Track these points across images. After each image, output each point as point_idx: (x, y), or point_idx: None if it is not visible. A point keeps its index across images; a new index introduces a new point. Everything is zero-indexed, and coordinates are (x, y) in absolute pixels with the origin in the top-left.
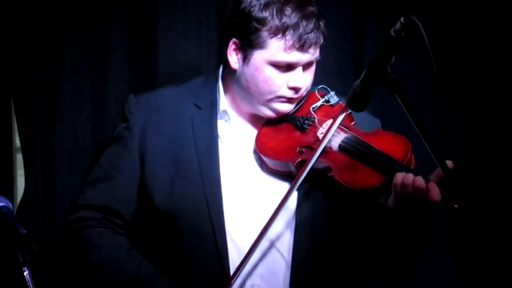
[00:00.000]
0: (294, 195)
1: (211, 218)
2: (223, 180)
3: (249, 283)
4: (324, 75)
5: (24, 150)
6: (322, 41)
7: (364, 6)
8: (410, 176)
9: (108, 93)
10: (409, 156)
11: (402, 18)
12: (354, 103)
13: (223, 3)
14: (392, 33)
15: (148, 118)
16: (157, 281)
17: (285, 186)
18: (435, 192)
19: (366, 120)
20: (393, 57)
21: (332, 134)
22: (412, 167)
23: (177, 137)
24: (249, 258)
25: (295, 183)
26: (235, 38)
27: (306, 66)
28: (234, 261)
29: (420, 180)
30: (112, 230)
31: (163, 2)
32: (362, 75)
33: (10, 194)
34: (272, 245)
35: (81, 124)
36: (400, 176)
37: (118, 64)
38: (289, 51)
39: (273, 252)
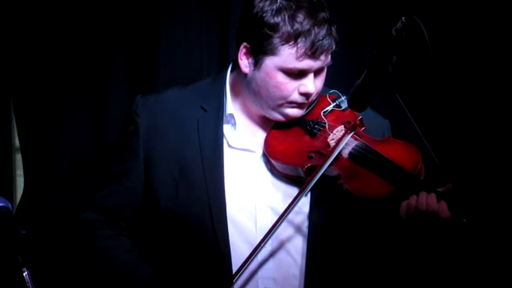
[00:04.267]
0: (306, 200)
1: (214, 223)
2: (229, 185)
3: (262, 286)
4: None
5: (23, 150)
6: (334, 48)
7: (365, 6)
8: (434, 198)
9: (108, 94)
10: (419, 167)
11: (403, 18)
12: (355, 103)
13: (224, 6)
14: (393, 33)
15: (154, 120)
16: (152, 285)
17: (293, 190)
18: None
19: (375, 122)
20: (394, 57)
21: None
22: (422, 178)
23: (182, 140)
24: (251, 260)
25: (304, 190)
26: (246, 42)
27: (317, 71)
28: (237, 266)
29: (444, 207)
30: (116, 232)
31: (163, 4)
32: (363, 75)
33: (9, 194)
34: (285, 249)
35: (81, 124)
36: (423, 197)
37: (118, 64)
38: (300, 58)
39: (286, 257)
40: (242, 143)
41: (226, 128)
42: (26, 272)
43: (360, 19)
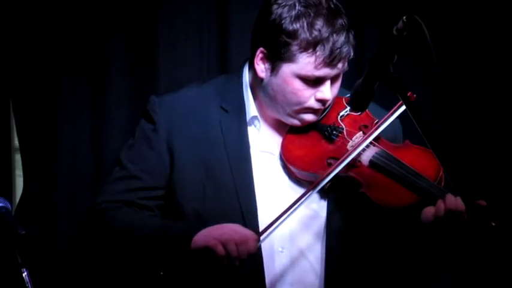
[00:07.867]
0: (324, 205)
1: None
2: (256, 187)
3: None
4: None
5: (22, 150)
6: (351, 55)
7: (365, 5)
8: (460, 201)
9: (108, 94)
10: (440, 174)
11: (405, 17)
12: (356, 103)
13: (224, 7)
14: (394, 32)
15: (173, 119)
16: (184, 224)
17: (312, 194)
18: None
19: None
20: (395, 57)
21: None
22: (442, 184)
23: (205, 140)
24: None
25: (315, 186)
26: (263, 47)
27: (334, 78)
28: (267, 265)
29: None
30: (135, 209)
31: (163, 5)
32: (364, 75)
33: (9, 195)
34: (303, 254)
35: (80, 124)
36: (452, 199)
37: (118, 65)
38: (319, 66)
39: (304, 262)
40: (263, 145)
41: (250, 130)
42: (25, 272)
43: (360, 19)
